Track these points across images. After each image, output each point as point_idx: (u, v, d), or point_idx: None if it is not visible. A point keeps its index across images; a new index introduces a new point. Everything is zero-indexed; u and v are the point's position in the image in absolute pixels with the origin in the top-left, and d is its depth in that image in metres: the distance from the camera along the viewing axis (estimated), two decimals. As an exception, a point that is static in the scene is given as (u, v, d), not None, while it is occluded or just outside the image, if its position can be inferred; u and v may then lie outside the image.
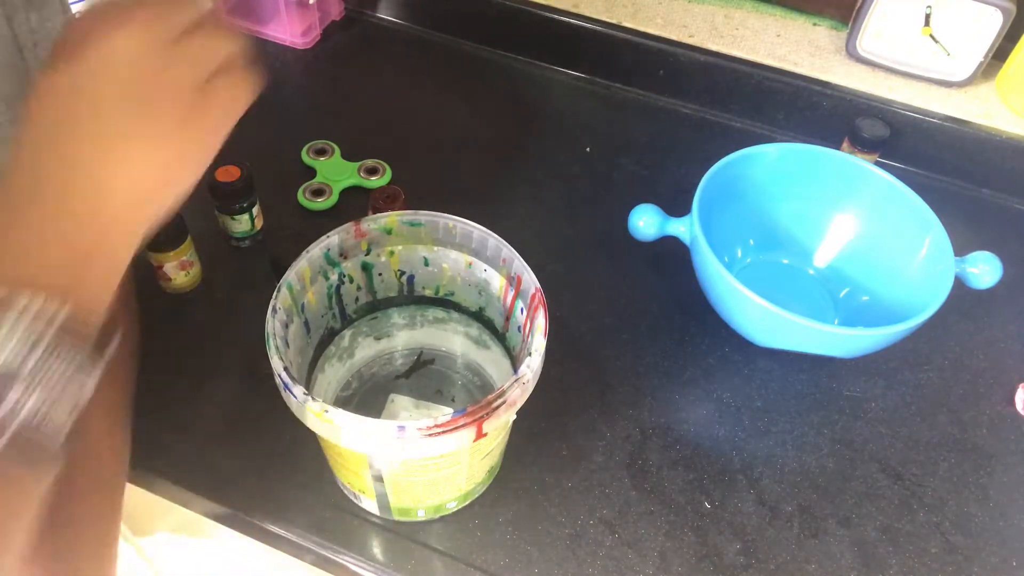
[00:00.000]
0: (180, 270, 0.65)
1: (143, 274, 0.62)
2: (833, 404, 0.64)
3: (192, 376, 0.61)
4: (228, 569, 0.72)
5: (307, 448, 0.58)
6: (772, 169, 0.69)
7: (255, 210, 0.68)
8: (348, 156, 0.78)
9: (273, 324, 0.46)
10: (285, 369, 0.44)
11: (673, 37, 0.87)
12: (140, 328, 0.57)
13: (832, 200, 0.70)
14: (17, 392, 0.30)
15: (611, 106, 0.89)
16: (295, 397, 0.43)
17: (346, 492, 0.55)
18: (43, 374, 0.31)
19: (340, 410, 0.42)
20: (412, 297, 0.59)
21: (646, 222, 0.66)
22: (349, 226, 0.52)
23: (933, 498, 0.59)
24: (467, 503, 0.56)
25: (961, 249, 0.63)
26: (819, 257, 0.72)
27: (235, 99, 0.37)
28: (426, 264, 0.56)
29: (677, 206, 0.67)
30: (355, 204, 0.75)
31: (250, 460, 0.58)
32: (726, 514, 0.57)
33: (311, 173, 0.77)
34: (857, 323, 0.66)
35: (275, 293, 0.48)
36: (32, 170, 0.33)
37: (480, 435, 0.43)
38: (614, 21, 0.88)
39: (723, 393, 0.64)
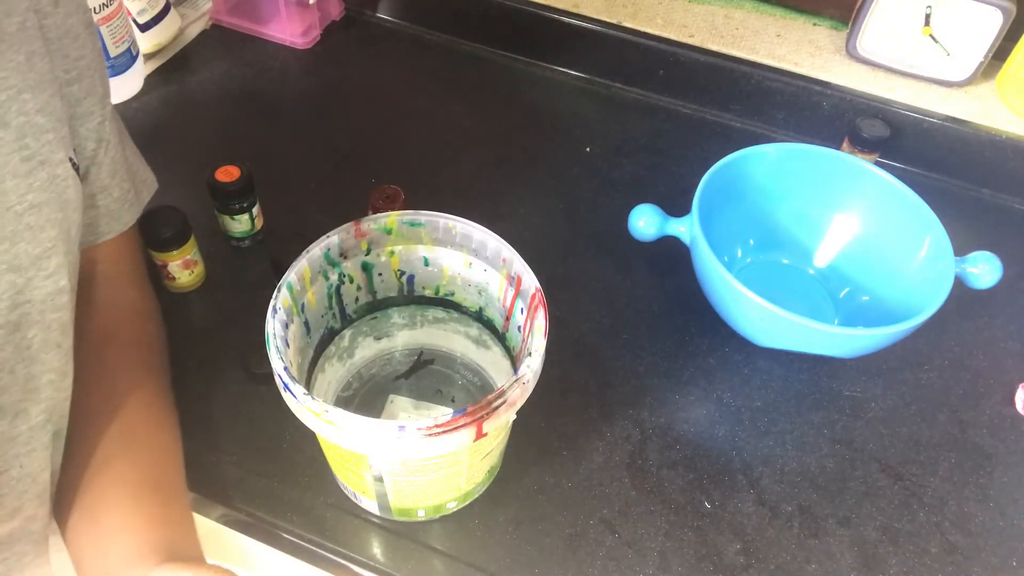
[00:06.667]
0: (184, 269, 0.65)
1: (147, 273, 0.62)
2: (833, 404, 0.64)
3: (192, 376, 0.61)
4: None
5: (307, 448, 0.58)
6: (772, 169, 0.69)
7: (255, 210, 0.68)
8: (348, 157, 0.78)
9: (273, 324, 0.46)
10: (285, 369, 0.44)
11: (673, 37, 0.87)
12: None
13: (832, 200, 0.70)
14: None
15: (611, 106, 0.89)
16: (295, 397, 0.43)
17: (346, 492, 0.55)
18: None
19: (340, 410, 0.42)
20: (412, 297, 0.59)
21: (646, 222, 0.66)
22: (349, 226, 0.52)
23: (933, 498, 0.59)
24: (467, 503, 0.56)
25: (961, 249, 0.63)
26: (819, 257, 0.72)
27: None
28: (426, 264, 0.56)
29: (677, 206, 0.67)
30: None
31: (250, 460, 0.58)
32: (726, 514, 0.57)
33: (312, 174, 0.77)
34: (857, 323, 0.66)
35: (275, 293, 0.48)
36: None
37: (480, 435, 0.44)
38: (614, 21, 0.88)
39: (723, 393, 0.64)
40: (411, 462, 0.46)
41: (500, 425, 0.45)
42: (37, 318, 0.43)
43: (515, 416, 0.46)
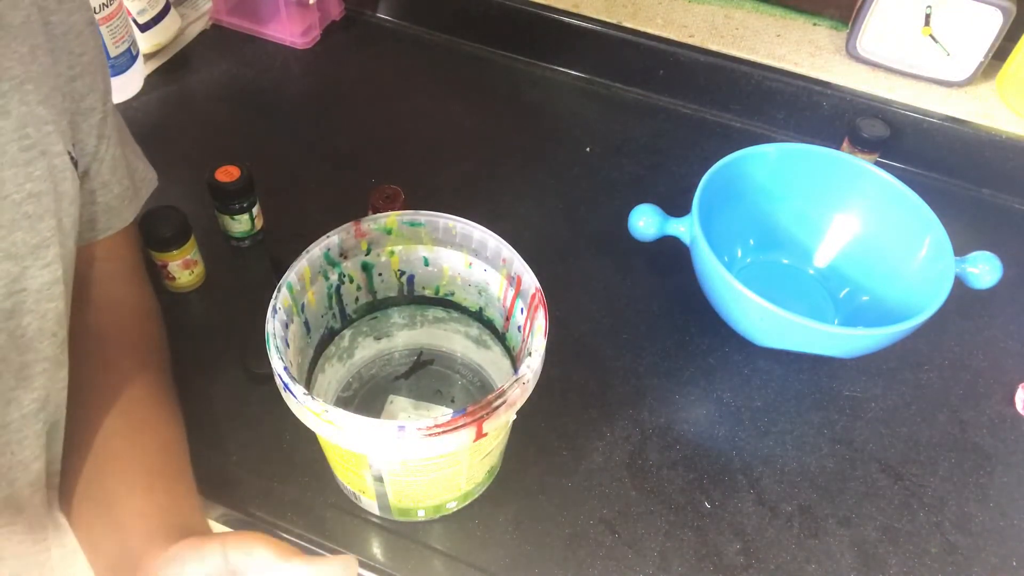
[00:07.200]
0: (184, 269, 0.65)
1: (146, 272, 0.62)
2: (833, 404, 0.64)
3: (192, 376, 0.61)
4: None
5: (307, 448, 0.58)
6: (772, 169, 0.69)
7: (255, 210, 0.68)
8: (348, 157, 0.78)
9: (273, 324, 0.46)
10: (285, 369, 0.44)
11: (673, 37, 0.87)
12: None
13: (832, 200, 0.70)
14: None
15: (611, 106, 0.89)
16: (295, 397, 0.43)
17: (346, 492, 0.55)
18: None
19: (340, 410, 0.42)
20: (412, 297, 0.59)
21: (646, 222, 0.66)
22: (349, 226, 0.52)
23: (933, 498, 0.59)
24: (467, 503, 0.56)
25: (961, 249, 0.63)
26: (819, 257, 0.72)
27: None
28: (426, 264, 0.56)
29: (677, 206, 0.67)
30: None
31: (250, 460, 0.58)
32: (726, 514, 0.57)
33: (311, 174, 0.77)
34: (857, 323, 0.66)
35: (275, 293, 0.48)
36: None
37: (480, 435, 0.44)
38: (614, 21, 0.88)
39: (723, 393, 0.64)
40: (411, 462, 0.46)
41: (500, 425, 0.45)
42: (32, 307, 0.44)
43: (515, 416, 0.46)
